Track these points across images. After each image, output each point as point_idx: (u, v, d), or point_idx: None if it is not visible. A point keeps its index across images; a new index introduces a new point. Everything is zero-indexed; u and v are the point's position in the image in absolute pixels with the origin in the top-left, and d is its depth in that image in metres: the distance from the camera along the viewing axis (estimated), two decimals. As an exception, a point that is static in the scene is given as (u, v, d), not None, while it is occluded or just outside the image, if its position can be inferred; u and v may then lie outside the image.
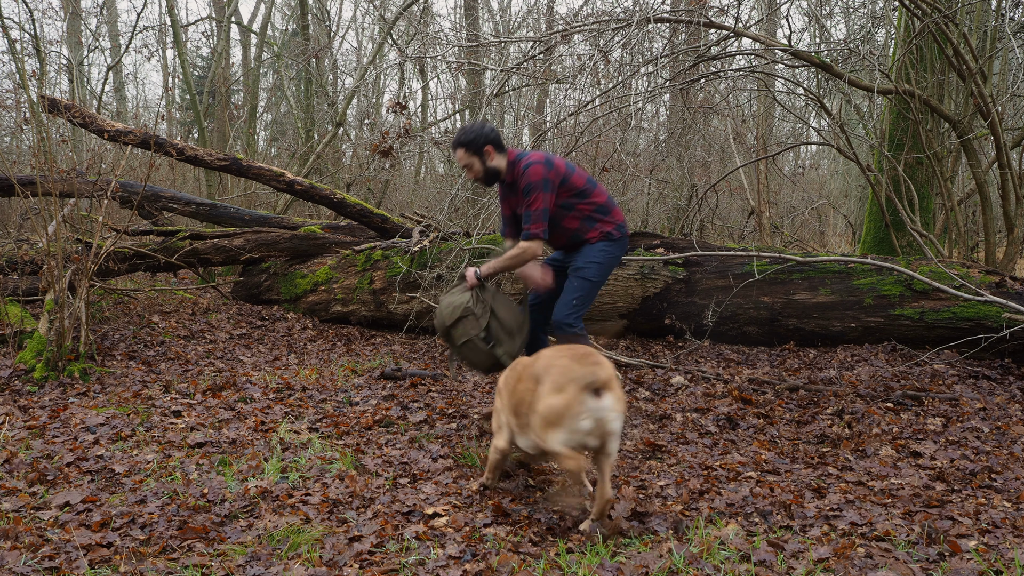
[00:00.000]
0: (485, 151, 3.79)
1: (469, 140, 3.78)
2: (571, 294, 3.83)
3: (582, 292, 3.83)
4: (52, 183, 5.00)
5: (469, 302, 3.79)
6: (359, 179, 11.90)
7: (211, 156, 7.25)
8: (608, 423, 2.60)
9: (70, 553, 2.45)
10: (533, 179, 3.71)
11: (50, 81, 12.04)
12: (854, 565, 2.43)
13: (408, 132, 9.72)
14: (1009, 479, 3.23)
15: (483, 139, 3.77)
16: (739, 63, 7.01)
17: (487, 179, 3.88)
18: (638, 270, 5.84)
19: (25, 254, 6.64)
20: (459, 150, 3.82)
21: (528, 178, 3.72)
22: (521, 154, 3.85)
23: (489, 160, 3.81)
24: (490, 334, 3.76)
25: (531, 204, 3.72)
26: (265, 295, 7.44)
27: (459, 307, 3.80)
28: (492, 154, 3.81)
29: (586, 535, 2.65)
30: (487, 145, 3.78)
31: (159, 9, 26.33)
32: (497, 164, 3.83)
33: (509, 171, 3.85)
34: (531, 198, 3.72)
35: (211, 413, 4.10)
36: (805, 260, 5.64)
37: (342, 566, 2.43)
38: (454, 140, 3.86)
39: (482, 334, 3.75)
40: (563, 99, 9.30)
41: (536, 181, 3.71)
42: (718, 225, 11.42)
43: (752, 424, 4.13)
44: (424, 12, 12.78)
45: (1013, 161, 6.45)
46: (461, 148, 3.81)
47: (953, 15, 5.79)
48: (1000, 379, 4.82)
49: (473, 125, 3.84)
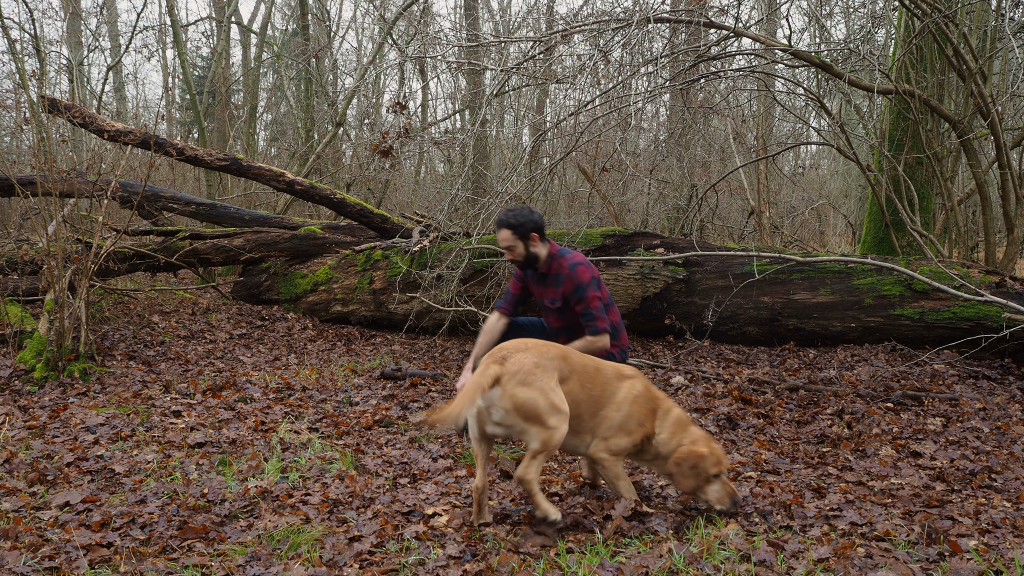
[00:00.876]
0: (531, 237, 3.84)
1: (518, 224, 3.81)
2: None
3: None
4: (52, 183, 5.00)
5: None
6: (359, 179, 11.91)
7: (211, 156, 7.25)
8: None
9: (70, 553, 2.45)
10: (584, 279, 3.78)
11: (50, 81, 12.05)
12: (854, 565, 2.43)
13: (408, 132, 9.72)
14: (1009, 479, 3.23)
15: (531, 225, 3.82)
16: (739, 63, 7.01)
17: (526, 263, 3.93)
18: (638, 270, 5.84)
19: (25, 254, 6.64)
20: (504, 231, 3.84)
21: (579, 278, 3.78)
22: (561, 250, 3.91)
23: (532, 246, 3.86)
24: None
25: (590, 302, 3.77)
26: (265, 295, 7.44)
27: None
28: (536, 241, 3.86)
29: None
30: (534, 232, 3.83)
31: (159, 9, 26.35)
32: (538, 251, 3.88)
33: (547, 263, 3.90)
34: (588, 296, 3.77)
35: (211, 413, 4.10)
36: (805, 260, 5.64)
37: (342, 566, 2.43)
38: (501, 219, 3.87)
39: None
40: (563, 99, 9.31)
41: (588, 281, 3.78)
42: (718, 225, 11.42)
43: (752, 424, 4.13)
44: (424, 12, 12.78)
45: (1013, 161, 6.45)
46: (508, 230, 3.83)
47: (953, 15, 5.80)
48: (1000, 379, 4.82)
49: (522, 209, 3.86)
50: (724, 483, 2.84)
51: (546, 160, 9.06)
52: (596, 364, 2.95)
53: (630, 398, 2.90)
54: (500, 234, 3.88)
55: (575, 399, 2.81)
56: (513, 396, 2.63)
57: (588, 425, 2.87)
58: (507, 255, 3.96)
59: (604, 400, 2.88)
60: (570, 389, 2.80)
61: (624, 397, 2.90)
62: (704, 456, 2.82)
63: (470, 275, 6.18)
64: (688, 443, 2.87)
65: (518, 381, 2.65)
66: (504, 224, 3.85)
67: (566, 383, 2.80)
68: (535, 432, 2.64)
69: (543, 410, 2.64)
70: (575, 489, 3.12)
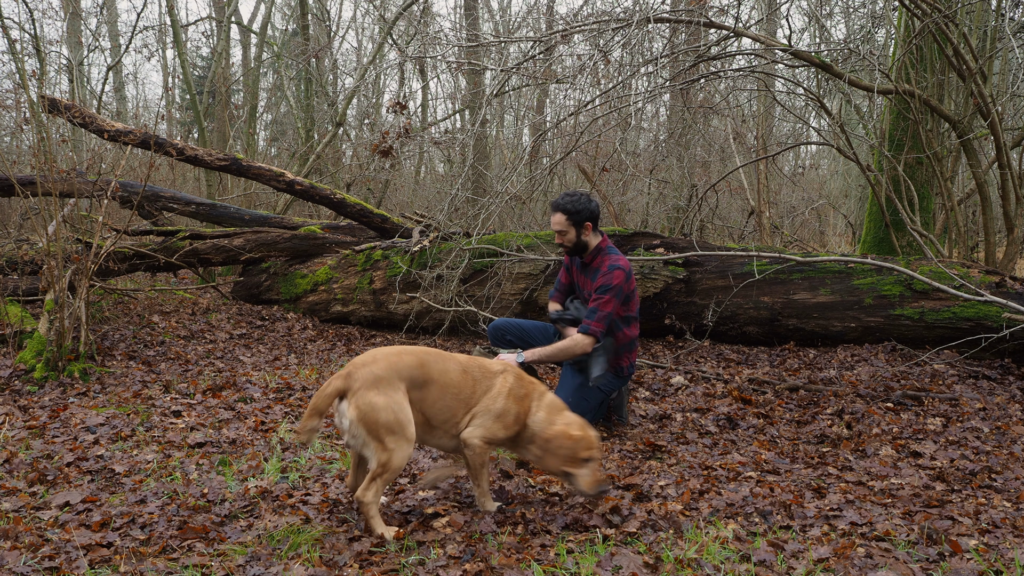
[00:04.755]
0: (584, 226, 3.83)
1: (575, 211, 3.79)
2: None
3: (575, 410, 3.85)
4: (52, 183, 5.00)
5: None
6: (359, 179, 11.91)
7: (211, 156, 7.25)
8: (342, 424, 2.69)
9: (70, 553, 2.45)
10: (615, 282, 3.76)
11: (50, 81, 12.05)
12: (854, 565, 2.43)
13: (408, 132, 9.72)
14: (1009, 479, 3.23)
15: (587, 214, 3.80)
16: (739, 63, 7.00)
17: (574, 250, 3.92)
18: (638, 270, 5.84)
19: (25, 254, 6.64)
20: (559, 214, 3.83)
21: (611, 279, 3.76)
22: (611, 248, 3.90)
23: (584, 235, 3.86)
24: None
25: (603, 304, 3.76)
26: (265, 295, 7.44)
27: None
28: (589, 231, 3.85)
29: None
30: (588, 221, 3.82)
31: (159, 9, 26.35)
32: (589, 240, 3.88)
33: (593, 254, 3.90)
34: (605, 298, 3.75)
35: (211, 413, 4.10)
36: (805, 260, 5.64)
37: (342, 566, 2.43)
38: (557, 202, 3.84)
39: None
40: (563, 99, 9.31)
41: (617, 285, 3.76)
42: (718, 225, 11.41)
43: (752, 424, 4.13)
44: (424, 12, 12.78)
45: (1013, 161, 6.45)
46: (563, 214, 3.82)
47: (953, 15, 5.79)
48: (1000, 379, 4.82)
49: (581, 196, 3.83)
50: (594, 470, 2.83)
51: (546, 160, 9.07)
52: (462, 366, 2.91)
53: (504, 392, 2.90)
54: (554, 217, 3.85)
55: (440, 404, 2.80)
56: (355, 410, 2.61)
57: (463, 425, 2.86)
58: (557, 238, 3.94)
59: (475, 398, 2.88)
60: (431, 395, 2.78)
61: (499, 391, 2.90)
62: (577, 439, 2.82)
63: (470, 275, 6.18)
64: (562, 424, 2.88)
65: (360, 396, 2.62)
66: (560, 208, 3.82)
67: (425, 389, 2.77)
68: (374, 450, 2.61)
69: (382, 428, 2.60)
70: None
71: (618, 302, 3.80)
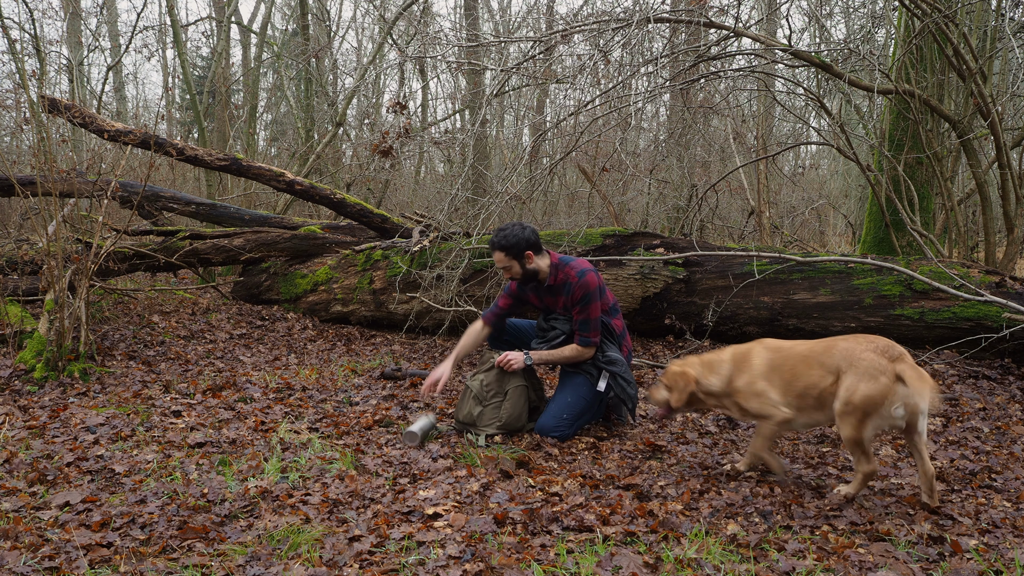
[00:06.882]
0: (526, 256, 3.84)
1: (510, 245, 3.80)
2: (562, 410, 3.85)
3: (573, 409, 3.86)
4: (52, 183, 5.00)
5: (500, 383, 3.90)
6: (359, 179, 11.91)
7: (211, 156, 7.25)
8: (918, 406, 2.84)
9: (70, 553, 2.45)
10: (591, 288, 3.77)
11: (50, 81, 12.05)
12: (854, 565, 2.43)
13: (408, 132, 9.72)
14: (1009, 479, 3.23)
15: (524, 244, 3.81)
16: (739, 63, 7.00)
17: (525, 280, 3.92)
18: (638, 270, 5.84)
19: (25, 254, 6.64)
20: (498, 253, 3.84)
21: (586, 287, 3.77)
22: (564, 259, 3.89)
23: (528, 264, 3.86)
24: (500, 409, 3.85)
25: (590, 313, 3.79)
26: (265, 295, 7.44)
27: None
28: (532, 258, 3.85)
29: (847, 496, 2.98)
30: (527, 251, 3.83)
31: (159, 9, 26.35)
32: (537, 266, 3.87)
33: (552, 274, 3.89)
34: (590, 307, 3.78)
35: (211, 413, 4.10)
36: (805, 260, 5.64)
37: (342, 566, 2.43)
38: (493, 241, 3.85)
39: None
40: (563, 99, 9.30)
41: (595, 289, 3.78)
42: (718, 225, 11.41)
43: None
44: (424, 12, 12.78)
45: (1013, 161, 6.45)
46: (501, 252, 3.83)
47: (953, 15, 5.79)
48: (1000, 379, 4.82)
49: (512, 229, 3.82)
50: None
51: (546, 160, 9.06)
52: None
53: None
54: (495, 256, 3.87)
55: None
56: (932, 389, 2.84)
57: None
58: (504, 275, 3.95)
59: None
60: None
61: None
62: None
63: (470, 275, 6.18)
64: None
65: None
66: (497, 246, 3.83)
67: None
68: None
69: None
70: (575, 489, 3.12)
71: (602, 298, 3.85)
